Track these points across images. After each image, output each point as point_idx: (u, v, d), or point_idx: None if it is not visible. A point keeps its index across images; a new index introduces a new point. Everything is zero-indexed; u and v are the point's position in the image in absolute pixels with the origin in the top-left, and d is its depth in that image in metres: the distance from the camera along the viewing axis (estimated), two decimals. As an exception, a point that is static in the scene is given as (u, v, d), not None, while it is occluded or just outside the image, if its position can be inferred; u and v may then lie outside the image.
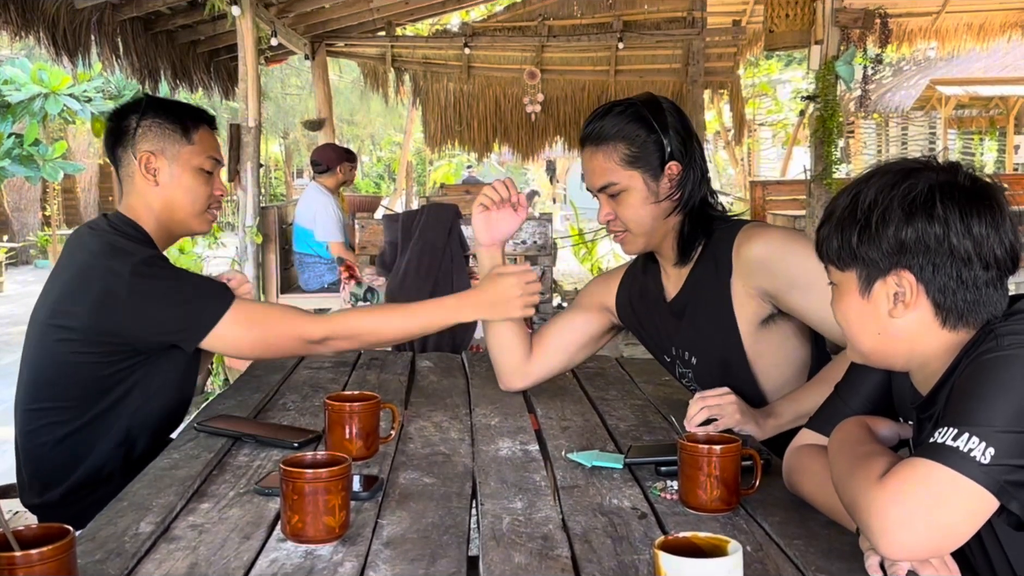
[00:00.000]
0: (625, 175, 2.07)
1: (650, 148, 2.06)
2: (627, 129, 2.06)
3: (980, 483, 1.20)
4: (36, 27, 5.57)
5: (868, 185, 1.38)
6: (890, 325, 1.39)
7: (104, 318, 2.01)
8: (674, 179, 2.07)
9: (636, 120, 2.06)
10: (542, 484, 1.66)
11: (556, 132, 10.61)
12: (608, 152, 2.07)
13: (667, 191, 2.08)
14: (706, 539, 1.18)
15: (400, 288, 3.36)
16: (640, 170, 2.06)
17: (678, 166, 2.07)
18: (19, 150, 10.96)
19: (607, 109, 2.11)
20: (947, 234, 1.32)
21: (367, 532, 1.43)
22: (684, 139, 2.08)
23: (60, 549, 1.12)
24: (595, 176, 2.11)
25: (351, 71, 15.01)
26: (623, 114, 2.07)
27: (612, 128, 2.07)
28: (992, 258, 1.33)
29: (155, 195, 2.16)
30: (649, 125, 2.05)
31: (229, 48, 7.53)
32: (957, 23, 10.38)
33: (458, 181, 17.40)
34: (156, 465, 1.74)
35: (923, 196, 1.33)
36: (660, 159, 2.06)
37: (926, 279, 1.34)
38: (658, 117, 2.06)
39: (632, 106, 2.09)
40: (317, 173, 6.67)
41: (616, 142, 2.06)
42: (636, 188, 2.07)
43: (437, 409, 2.19)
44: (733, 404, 1.90)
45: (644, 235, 2.13)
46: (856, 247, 1.38)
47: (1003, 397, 1.23)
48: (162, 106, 2.20)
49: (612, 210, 2.12)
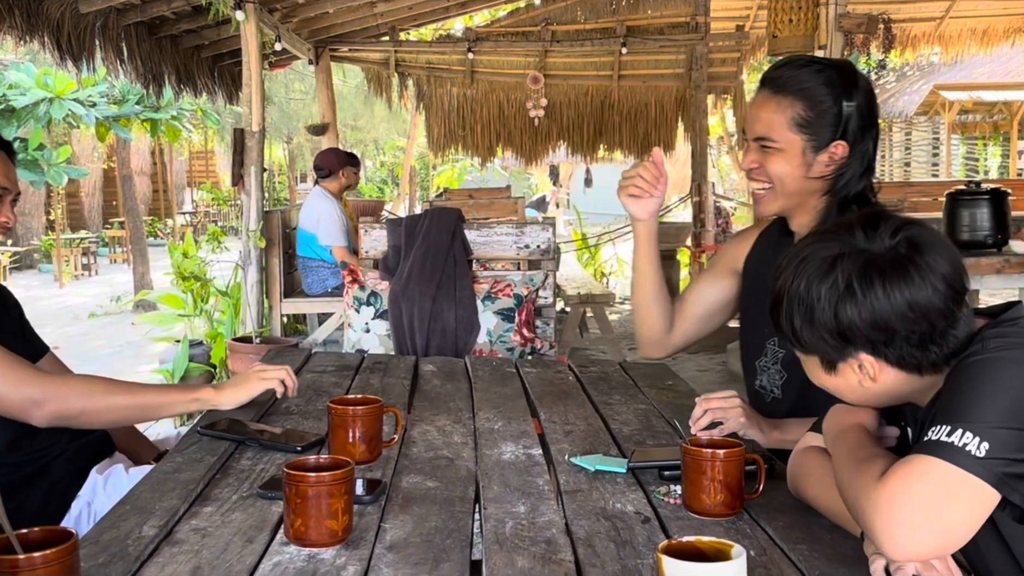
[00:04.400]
0: (786, 136, 1.92)
1: (827, 118, 1.90)
2: (814, 89, 1.90)
3: (978, 476, 1.21)
4: (40, 31, 5.59)
5: (795, 278, 1.39)
6: (867, 390, 1.42)
7: None
8: (835, 159, 1.92)
9: (827, 84, 1.90)
10: (545, 488, 1.66)
11: (559, 137, 10.62)
12: (783, 106, 1.92)
13: (822, 169, 1.93)
14: (710, 543, 1.17)
15: (403, 292, 3.36)
16: (804, 137, 1.92)
17: (845, 147, 1.91)
18: (24, 154, 10.98)
19: (804, 61, 1.96)
20: (879, 313, 1.33)
21: (370, 536, 1.43)
22: (865, 123, 1.92)
23: (63, 552, 1.12)
24: (758, 123, 1.96)
25: (355, 76, 15.04)
26: (819, 73, 1.91)
27: (800, 81, 1.91)
28: (935, 310, 1.33)
29: None
30: (836, 93, 1.90)
31: (233, 53, 7.54)
32: (961, 28, 10.38)
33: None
34: (159, 469, 1.74)
35: (844, 283, 1.34)
36: (832, 134, 1.91)
37: (882, 353, 1.37)
38: (849, 89, 1.91)
39: (831, 68, 1.93)
40: (320, 178, 6.67)
41: (795, 99, 1.91)
42: (792, 154, 1.93)
43: (440, 413, 2.19)
44: (738, 408, 1.90)
45: (784, 197, 1.98)
46: (808, 343, 1.41)
47: (992, 397, 1.25)
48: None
49: (759, 160, 1.98)
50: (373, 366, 2.72)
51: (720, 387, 2.22)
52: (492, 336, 3.35)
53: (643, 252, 2.23)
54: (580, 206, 15.68)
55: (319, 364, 2.72)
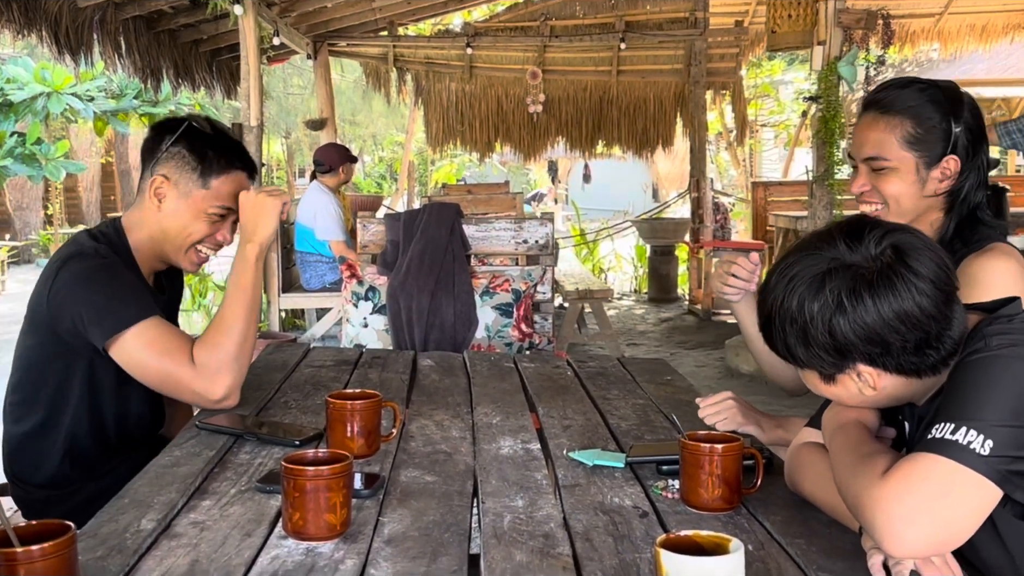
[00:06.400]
0: (899, 154, 1.91)
1: (936, 134, 1.89)
2: (921, 108, 1.90)
3: (982, 473, 1.21)
4: (38, 26, 5.57)
5: (786, 297, 1.39)
6: (868, 398, 1.43)
7: (36, 304, 2.04)
8: (948, 175, 1.90)
9: (933, 102, 1.90)
10: (543, 483, 1.66)
11: (558, 132, 10.62)
12: (892, 124, 1.91)
13: (936, 185, 1.91)
14: (708, 537, 1.17)
15: (402, 287, 3.36)
16: (916, 154, 1.90)
17: (957, 162, 1.90)
18: (21, 149, 10.97)
19: (908, 81, 1.95)
20: (873, 327, 1.33)
21: (368, 530, 1.43)
22: (974, 138, 1.92)
23: (61, 545, 1.12)
24: (866, 145, 1.95)
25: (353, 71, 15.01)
26: (923, 91, 1.91)
27: (905, 101, 1.91)
28: (928, 315, 1.33)
29: (155, 218, 2.15)
30: (944, 111, 1.89)
31: (231, 47, 7.53)
32: (960, 24, 10.38)
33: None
34: (157, 463, 1.74)
35: (835, 301, 1.34)
36: (942, 149, 1.90)
37: (880, 363, 1.37)
38: (955, 107, 1.90)
39: (934, 87, 1.93)
40: (320, 172, 6.67)
41: (904, 117, 1.91)
42: (905, 171, 1.92)
43: (438, 408, 2.19)
44: (732, 408, 1.91)
45: (899, 216, 1.93)
46: (803, 359, 1.42)
47: (995, 395, 1.25)
48: (197, 138, 2.15)
49: (870, 183, 1.96)
50: (371, 361, 2.72)
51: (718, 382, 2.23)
52: (490, 331, 3.35)
53: (747, 326, 2.13)
54: (578, 202, 15.67)
55: (317, 359, 2.72)
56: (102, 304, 1.99)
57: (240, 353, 2.04)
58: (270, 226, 2.14)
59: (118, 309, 1.98)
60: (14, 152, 11.06)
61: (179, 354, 1.99)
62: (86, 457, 2.13)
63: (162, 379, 2.02)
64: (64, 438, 2.10)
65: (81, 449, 2.12)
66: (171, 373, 1.99)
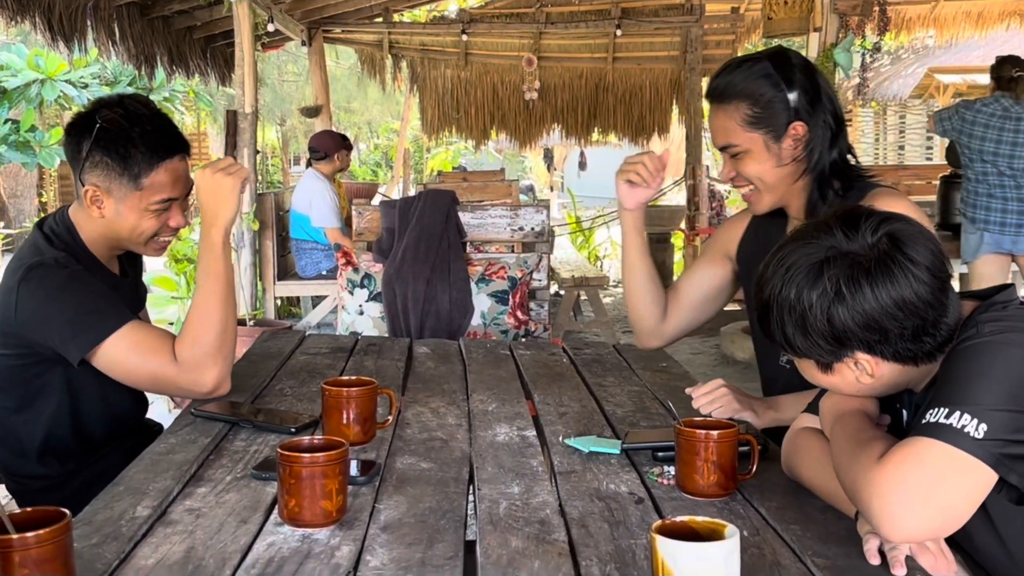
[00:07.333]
0: (745, 137, 1.97)
1: (775, 107, 1.95)
2: (752, 86, 1.95)
3: (977, 456, 1.21)
4: (32, 12, 5.54)
5: (784, 286, 1.39)
6: (865, 386, 1.43)
7: (3, 317, 1.99)
8: (799, 140, 1.96)
9: (762, 77, 1.95)
10: (539, 469, 1.66)
11: (554, 119, 10.60)
12: (730, 111, 1.98)
13: (791, 153, 1.97)
14: (703, 523, 1.18)
15: (397, 274, 3.35)
16: (762, 131, 1.96)
17: (803, 127, 1.95)
18: (15, 136, 10.92)
19: (734, 64, 2.01)
20: (871, 315, 1.34)
21: (364, 516, 1.43)
22: (812, 97, 1.96)
23: (56, 532, 1.12)
24: (717, 135, 2.03)
25: (348, 58, 14.95)
26: (749, 70, 1.96)
27: (736, 85, 1.97)
28: (924, 302, 1.34)
29: (100, 223, 2.07)
30: (775, 82, 1.95)
31: (226, 34, 7.49)
32: (956, 11, 10.35)
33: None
34: (152, 450, 1.73)
35: (834, 289, 1.34)
36: (786, 119, 1.95)
37: (879, 350, 1.37)
38: (785, 73, 1.95)
39: (759, 61, 1.98)
40: (316, 159, 6.65)
41: (739, 101, 1.96)
42: (756, 150, 1.98)
43: (434, 395, 2.19)
44: (726, 395, 1.91)
45: (770, 191, 2.02)
46: (802, 348, 1.42)
47: (989, 380, 1.26)
48: (114, 140, 2.00)
49: (733, 167, 2.03)
50: (367, 348, 2.71)
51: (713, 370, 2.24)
52: (486, 318, 3.35)
53: (631, 243, 2.27)
54: (574, 189, 15.65)
55: (313, 346, 2.72)
56: (74, 320, 1.94)
57: (221, 343, 2.00)
58: (231, 207, 2.06)
59: (92, 323, 1.94)
60: (8, 139, 11.01)
61: (161, 354, 1.95)
62: (68, 453, 2.11)
63: (149, 381, 2.01)
64: (43, 437, 2.08)
65: (62, 446, 2.10)
66: (156, 374, 1.97)
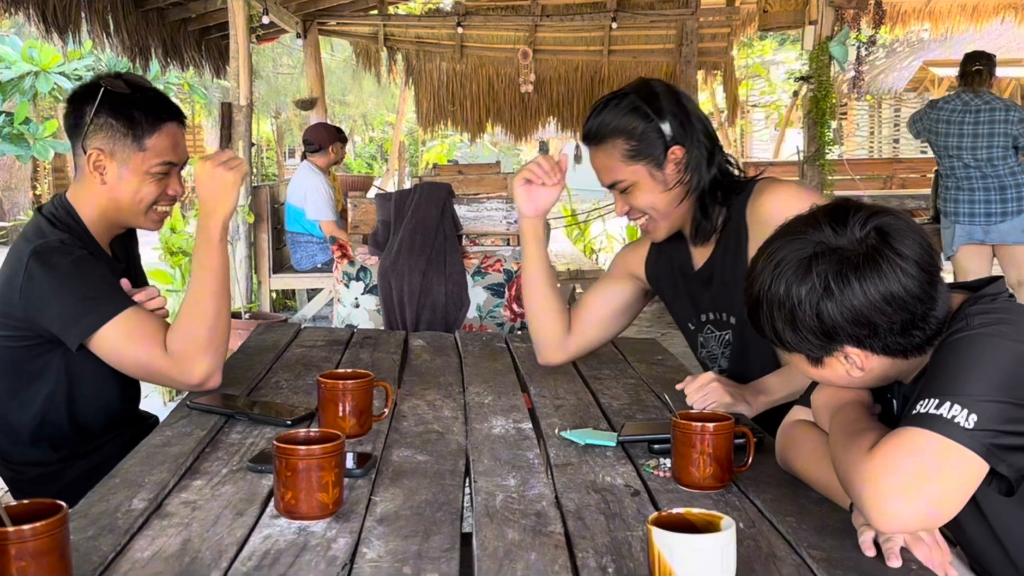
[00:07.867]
0: (628, 171, 2.04)
1: (650, 137, 2.01)
2: (623, 122, 2.01)
3: (967, 446, 1.22)
4: (26, 3, 5.53)
5: (773, 282, 1.39)
6: (855, 379, 1.44)
7: (7, 296, 2.00)
8: (679, 163, 2.02)
9: (631, 111, 2.01)
10: (535, 462, 1.66)
11: (549, 112, 10.59)
12: (608, 150, 2.04)
13: (675, 177, 2.03)
14: (699, 515, 1.18)
15: (393, 267, 3.35)
16: (643, 163, 2.02)
17: (681, 150, 2.02)
18: (9, 129, 10.88)
19: (602, 105, 2.07)
20: (860, 310, 1.34)
21: (360, 509, 1.43)
22: (682, 120, 2.03)
23: (52, 525, 1.12)
24: (602, 174, 2.08)
25: (343, 50, 14.94)
26: (617, 107, 2.03)
27: (608, 125, 2.03)
28: (913, 296, 1.34)
29: (101, 191, 2.08)
30: (644, 114, 2.01)
31: (220, 26, 7.47)
32: (951, 4, 10.36)
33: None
34: (148, 442, 1.73)
35: (823, 284, 1.35)
36: (663, 146, 2.01)
37: (868, 345, 1.38)
38: (652, 103, 2.02)
39: (625, 96, 2.04)
40: (310, 152, 6.64)
41: (614, 138, 2.02)
42: (643, 181, 2.04)
43: (430, 387, 2.19)
44: (718, 389, 1.91)
45: (664, 218, 2.09)
46: (791, 343, 1.42)
47: (979, 371, 1.27)
48: (118, 103, 2.05)
49: (626, 203, 2.09)
50: (363, 341, 2.71)
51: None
52: (482, 311, 3.35)
53: (532, 253, 2.28)
54: (569, 182, 15.63)
55: (309, 339, 2.72)
56: (77, 305, 1.95)
57: (212, 337, 2.00)
58: (230, 202, 2.08)
59: (93, 308, 1.95)
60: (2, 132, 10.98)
61: (153, 344, 1.96)
62: (61, 439, 2.10)
63: (139, 369, 2.01)
64: (37, 422, 2.07)
65: (56, 432, 2.10)
66: (146, 363, 1.97)
